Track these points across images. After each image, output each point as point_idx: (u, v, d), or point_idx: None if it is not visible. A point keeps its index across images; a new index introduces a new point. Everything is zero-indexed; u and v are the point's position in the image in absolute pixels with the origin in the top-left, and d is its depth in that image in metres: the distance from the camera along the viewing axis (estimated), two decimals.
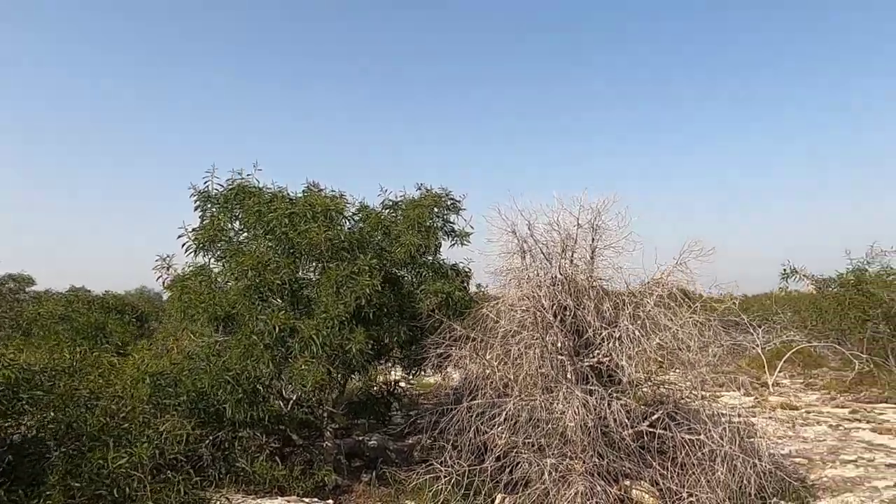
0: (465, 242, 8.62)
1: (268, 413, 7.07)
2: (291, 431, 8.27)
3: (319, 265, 7.68)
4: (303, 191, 8.42)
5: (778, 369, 16.37)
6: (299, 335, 6.44)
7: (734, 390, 15.36)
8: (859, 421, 10.97)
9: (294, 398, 7.81)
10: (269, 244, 7.65)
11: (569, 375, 7.66)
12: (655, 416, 7.28)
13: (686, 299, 7.58)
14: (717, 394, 15.25)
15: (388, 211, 8.94)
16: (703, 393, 7.48)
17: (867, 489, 7.18)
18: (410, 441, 9.92)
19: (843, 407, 12.46)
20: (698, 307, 7.37)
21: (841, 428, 10.39)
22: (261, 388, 6.87)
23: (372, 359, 7.40)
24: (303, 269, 7.92)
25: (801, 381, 17.17)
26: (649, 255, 7.86)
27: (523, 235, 7.80)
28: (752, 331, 20.56)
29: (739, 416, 7.74)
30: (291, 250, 7.59)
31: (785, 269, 18.71)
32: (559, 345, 7.69)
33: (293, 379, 6.28)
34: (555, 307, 7.42)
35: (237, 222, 8.04)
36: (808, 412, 11.97)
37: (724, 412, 7.62)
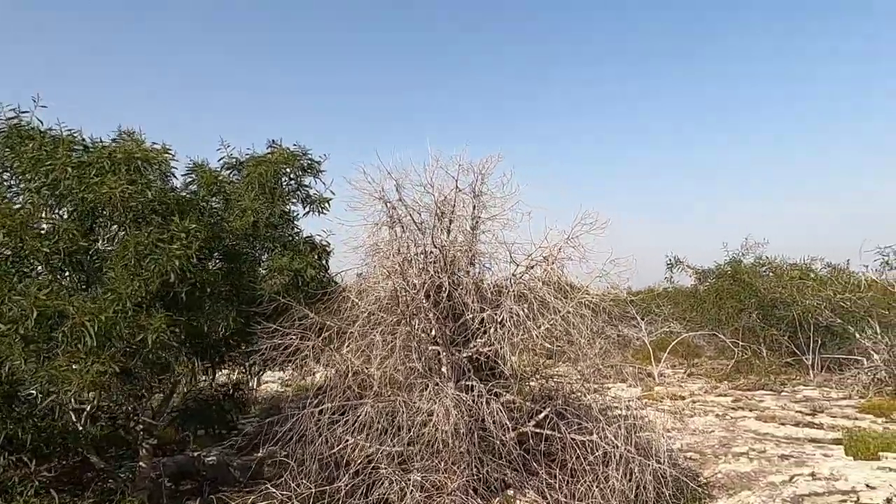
0: (324, 210, 7.09)
1: (37, 429, 5.17)
2: (89, 452, 6.32)
3: (123, 232, 5.83)
4: (113, 139, 6.46)
5: (663, 360, 16.34)
6: (70, 321, 4.62)
7: (622, 381, 15.06)
8: (743, 409, 10.74)
9: (87, 409, 5.88)
10: (51, 202, 5.69)
11: (444, 369, 6.41)
12: (543, 415, 6.19)
13: (572, 289, 6.56)
14: (606, 385, 14.89)
15: (229, 172, 7.19)
16: (595, 386, 6.50)
17: (765, 485, 6.55)
18: (262, 454, 8.23)
19: (725, 395, 12.32)
20: (588, 289, 6.39)
21: (727, 417, 10.05)
22: (21, 394, 4.97)
23: (185, 353, 5.68)
24: (104, 239, 6.02)
25: (684, 370, 17.31)
26: (539, 227, 6.80)
27: (393, 202, 6.43)
28: (637, 322, 20.69)
29: (629, 408, 6.83)
30: (84, 212, 5.69)
31: (669, 260, 19.03)
32: (433, 332, 6.42)
33: (53, 381, 4.46)
34: (427, 287, 6.13)
35: (6, 173, 5.97)
36: (694, 401, 11.66)
37: (616, 406, 6.69)
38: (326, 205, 7.04)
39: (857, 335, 13.97)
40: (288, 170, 6.81)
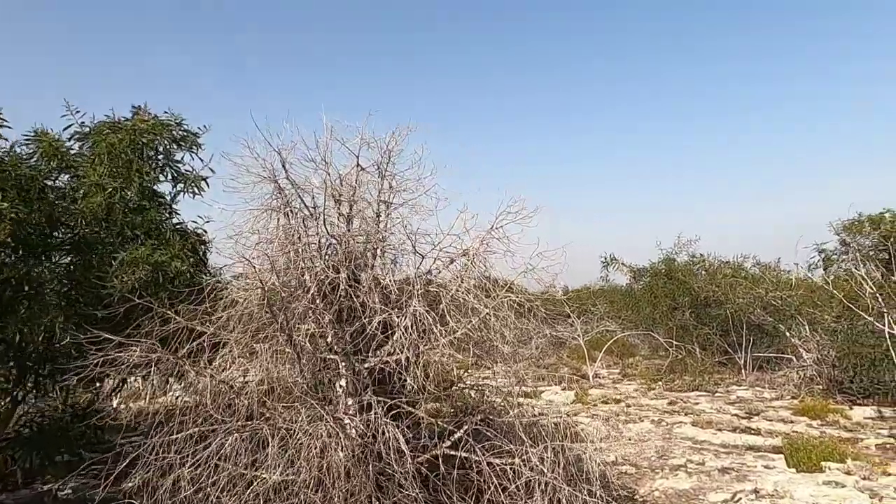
0: (197, 191, 5.88)
1: None
2: None
3: None
4: None
5: (598, 360, 15.85)
6: None
7: (556, 384, 14.41)
8: (679, 413, 10.22)
9: None
10: None
11: (342, 384, 5.36)
12: (458, 436, 5.24)
13: (497, 286, 5.63)
14: (540, 388, 14.19)
15: (81, 144, 5.85)
16: (520, 400, 5.60)
17: None
18: (131, 484, 6.89)
19: (661, 398, 11.83)
20: (513, 286, 5.48)
21: (663, 423, 9.47)
22: None
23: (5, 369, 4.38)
24: None
25: (619, 370, 16.92)
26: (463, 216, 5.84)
27: (283, 182, 5.32)
28: (573, 322, 20.22)
29: (560, 420, 5.97)
30: None
31: (605, 259, 18.64)
32: (329, 339, 5.36)
33: None
34: (321, 284, 5.06)
35: None
36: (629, 405, 11.09)
37: (545, 416, 5.80)
38: (204, 184, 5.84)
39: (788, 333, 13.88)
40: (153, 140, 5.56)
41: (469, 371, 6.01)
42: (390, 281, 5.11)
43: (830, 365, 11.39)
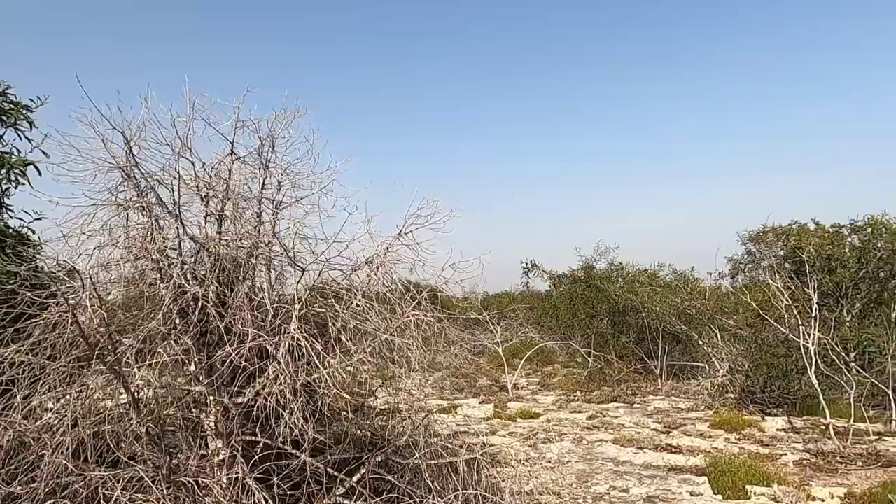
0: (22, 179, 4.63)
1: None
2: None
3: None
4: None
5: (519, 368, 15.38)
6: None
7: (473, 397, 13.76)
8: (599, 429, 9.81)
9: None
10: None
11: (210, 423, 4.34)
12: (350, 484, 4.36)
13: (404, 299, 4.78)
14: (457, 401, 13.51)
15: None
16: (426, 437, 4.77)
17: None
18: None
19: (580, 411, 11.44)
20: (425, 297, 4.66)
21: (584, 442, 8.98)
22: None
23: None
24: None
25: (539, 379, 16.56)
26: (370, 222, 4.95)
27: (127, 168, 4.21)
28: (492, 329, 19.69)
29: (474, 458, 5.16)
30: None
31: (525, 265, 18.31)
32: (193, 368, 4.32)
33: None
34: (177, 299, 4.03)
35: None
36: (549, 420, 10.59)
37: (457, 456, 5.00)
38: (23, 168, 4.59)
39: (701, 342, 13.99)
40: None
41: (371, 395, 5.14)
42: (266, 298, 4.14)
43: (743, 374, 11.43)
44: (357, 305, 4.46)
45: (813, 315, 8.95)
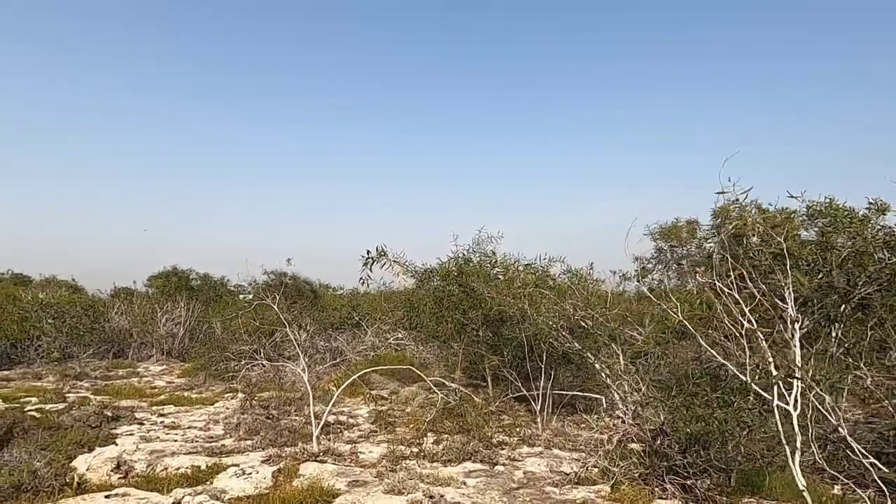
0: None
1: None
2: None
3: None
4: None
5: (332, 401, 10.68)
6: None
7: (265, 448, 8.90)
8: None
9: None
10: None
11: None
12: None
13: None
14: (228, 460, 8.33)
15: None
16: None
17: None
18: None
19: (401, 490, 6.90)
20: None
21: None
22: None
23: None
24: None
25: (387, 407, 11.89)
26: None
27: None
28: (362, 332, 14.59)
29: None
30: None
31: (367, 256, 13.16)
32: None
33: None
34: None
35: None
36: None
37: None
38: None
39: (597, 366, 9.96)
40: None
41: None
42: None
43: (657, 427, 7.43)
44: None
45: (794, 343, 4.95)
